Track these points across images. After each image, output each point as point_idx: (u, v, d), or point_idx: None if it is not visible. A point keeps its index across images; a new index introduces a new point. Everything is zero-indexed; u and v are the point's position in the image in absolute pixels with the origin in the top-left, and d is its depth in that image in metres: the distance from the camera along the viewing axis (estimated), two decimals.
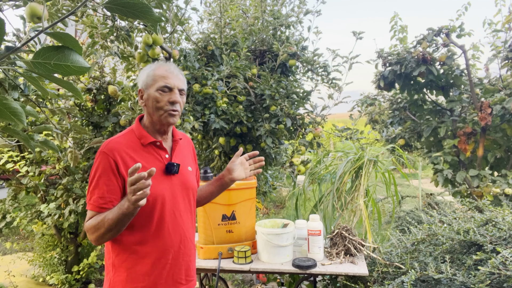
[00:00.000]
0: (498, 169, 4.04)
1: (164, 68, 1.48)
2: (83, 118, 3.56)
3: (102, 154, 1.39)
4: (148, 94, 1.47)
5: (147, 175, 1.18)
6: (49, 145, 1.40)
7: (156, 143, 1.49)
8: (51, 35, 0.67)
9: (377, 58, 4.12)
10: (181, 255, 1.51)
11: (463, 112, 4.13)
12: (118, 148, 1.41)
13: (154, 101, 1.45)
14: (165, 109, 1.46)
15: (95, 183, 1.38)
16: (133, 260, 1.42)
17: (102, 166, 1.38)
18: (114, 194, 1.38)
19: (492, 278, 1.48)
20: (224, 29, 3.71)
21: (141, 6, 0.63)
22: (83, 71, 0.68)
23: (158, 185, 1.43)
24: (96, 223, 1.34)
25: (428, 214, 2.39)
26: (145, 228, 1.43)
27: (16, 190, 3.67)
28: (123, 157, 1.40)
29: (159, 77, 1.46)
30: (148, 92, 1.47)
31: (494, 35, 4.05)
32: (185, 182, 1.55)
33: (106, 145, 1.41)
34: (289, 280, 2.74)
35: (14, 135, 0.95)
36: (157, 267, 1.44)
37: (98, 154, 1.40)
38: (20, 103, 0.78)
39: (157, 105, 1.45)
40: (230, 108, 3.00)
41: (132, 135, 1.49)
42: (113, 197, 1.37)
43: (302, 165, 3.36)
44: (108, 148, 1.40)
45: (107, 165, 1.37)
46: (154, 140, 1.48)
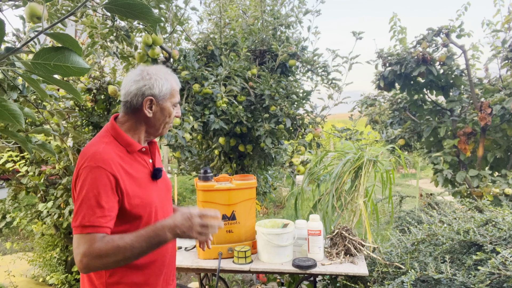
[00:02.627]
0: (498, 169, 4.04)
1: (177, 82, 1.43)
2: (83, 118, 3.56)
3: (98, 170, 1.21)
4: (162, 106, 1.37)
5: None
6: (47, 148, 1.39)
7: (142, 149, 1.39)
8: (51, 36, 0.67)
9: (377, 58, 4.12)
10: (172, 257, 1.51)
11: (463, 112, 4.13)
12: (114, 159, 1.26)
13: (167, 115, 1.39)
14: (170, 122, 1.43)
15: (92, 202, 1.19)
16: (130, 274, 1.31)
17: (101, 183, 1.20)
18: (113, 211, 1.23)
19: (492, 278, 1.48)
20: (224, 29, 3.70)
21: (140, 6, 0.63)
22: (83, 72, 0.68)
23: (149, 193, 1.36)
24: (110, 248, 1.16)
25: (428, 214, 2.39)
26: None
27: (16, 190, 3.67)
28: (119, 170, 1.26)
29: (176, 92, 1.41)
30: (163, 105, 1.37)
31: (493, 35, 4.05)
32: (167, 184, 1.53)
33: (99, 158, 1.23)
34: (289, 280, 2.74)
35: (12, 137, 0.95)
36: (154, 274, 1.39)
37: (90, 168, 1.20)
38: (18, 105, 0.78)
39: (167, 120, 1.40)
40: (230, 108, 3.00)
41: (114, 142, 1.33)
42: (113, 214, 1.23)
43: (301, 165, 3.36)
44: (103, 161, 1.23)
45: (106, 182, 1.21)
46: (141, 147, 1.38)
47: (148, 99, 1.33)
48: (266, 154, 3.54)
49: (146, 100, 1.33)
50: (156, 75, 1.34)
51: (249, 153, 3.50)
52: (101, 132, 1.36)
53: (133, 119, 1.37)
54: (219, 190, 2.13)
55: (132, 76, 1.35)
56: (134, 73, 1.36)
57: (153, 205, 1.35)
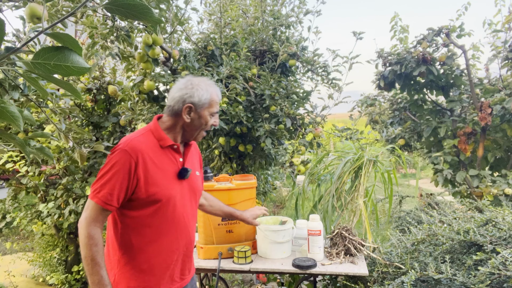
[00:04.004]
0: (498, 169, 4.04)
1: (217, 94, 1.57)
2: (83, 118, 3.56)
3: (124, 152, 1.38)
4: (199, 114, 1.52)
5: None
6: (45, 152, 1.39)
7: (174, 146, 1.53)
8: (51, 36, 0.67)
9: (377, 58, 4.12)
10: (185, 257, 1.59)
11: (463, 112, 4.13)
12: (141, 148, 1.41)
13: (203, 123, 1.53)
14: (205, 130, 1.57)
15: (108, 178, 1.37)
16: (140, 259, 1.45)
17: (121, 164, 1.37)
18: (121, 193, 1.38)
19: (492, 278, 1.48)
20: (224, 29, 3.70)
21: (141, 7, 0.63)
22: (83, 71, 0.68)
23: (172, 188, 1.48)
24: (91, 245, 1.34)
25: (428, 214, 2.39)
26: (156, 229, 1.46)
27: (16, 190, 3.67)
28: (144, 158, 1.41)
29: (215, 102, 1.55)
30: (201, 112, 1.52)
31: (494, 35, 4.05)
32: (194, 186, 1.61)
33: (128, 143, 1.41)
34: (289, 280, 2.74)
35: (10, 141, 0.94)
36: (162, 267, 1.48)
37: (119, 151, 1.39)
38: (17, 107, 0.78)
39: (203, 127, 1.55)
40: (230, 108, 3.00)
41: (150, 136, 1.50)
42: (120, 196, 1.38)
43: (302, 165, 3.36)
44: (130, 147, 1.40)
45: (127, 165, 1.37)
46: (172, 143, 1.51)
47: (188, 106, 1.49)
48: (266, 154, 3.54)
49: (186, 107, 1.50)
50: (198, 86, 1.51)
51: (249, 153, 3.50)
52: (144, 127, 1.57)
53: (173, 121, 1.53)
54: (219, 190, 2.13)
55: (178, 85, 1.55)
56: (181, 82, 1.56)
57: (171, 200, 1.46)
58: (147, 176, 1.41)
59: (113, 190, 1.36)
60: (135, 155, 1.39)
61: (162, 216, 1.46)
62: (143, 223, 1.44)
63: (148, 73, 2.98)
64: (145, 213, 1.44)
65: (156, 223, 1.46)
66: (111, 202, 1.37)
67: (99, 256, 1.34)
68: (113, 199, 1.37)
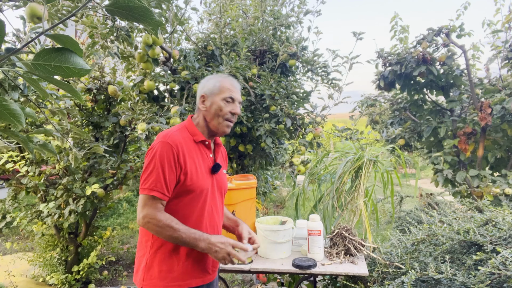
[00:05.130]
0: (498, 169, 4.04)
1: (230, 82, 1.62)
2: (83, 118, 3.56)
3: (166, 145, 1.46)
4: (212, 101, 1.59)
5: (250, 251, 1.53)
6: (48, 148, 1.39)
7: (205, 142, 1.61)
8: (51, 37, 0.67)
9: (377, 58, 4.12)
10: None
11: (463, 112, 4.13)
12: (180, 141, 1.50)
13: (217, 109, 1.58)
14: (226, 118, 1.59)
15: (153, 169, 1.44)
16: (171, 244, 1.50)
17: (165, 156, 1.44)
18: (170, 184, 1.45)
19: (492, 278, 1.48)
20: (224, 29, 3.70)
21: (142, 9, 0.63)
22: (83, 73, 0.68)
23: (205, 180, 1.56)
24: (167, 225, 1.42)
25: (428, 214, 2.39)
26: (188, 216, 1.51)
27: (16, 190, 3.67)
28: (183, 150, 1.49)
29: (226, 88, 1.60)
30: (213, 99, 1.59)
31: (494, 35, 4.04)
32: (222, 183, 1.70)
33: (169, 137, 1.49)
34: (289, 280, 2.74)
35: (13, 137, 0.94)
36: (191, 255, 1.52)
37: (160, 144, 1.46)
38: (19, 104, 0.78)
39: (220, 113, 1.58)
40: None
41: (185, 131, 1.59)
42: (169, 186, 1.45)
43: (302, 165, 3.36)
44: (172, 140, 1.48)
45: (170, 156, 1.45)
46: (204, 139, 1.60)
47: (201, 96, 1.61)
48: (266, 154, 3.54)
49: (201, 98, 1.61)
50: (210, 78, 1.64)
51: (249, 153, 3.50)
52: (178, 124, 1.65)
53: (199, 116, 1.64)
54: None
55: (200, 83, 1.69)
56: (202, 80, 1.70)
57: (204, 190, 1.54)
58: (185, 167, 1.48)
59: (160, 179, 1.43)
60: (176, 146, 1.47)
61: (195, 206, 1.53)
62: (175, 211, 1.49)
63: (148, 73, 2.98)
64: (178, 202, 1.50)
65: (187, 213, 1.51)
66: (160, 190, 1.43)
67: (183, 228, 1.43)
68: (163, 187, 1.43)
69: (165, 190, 1.45)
